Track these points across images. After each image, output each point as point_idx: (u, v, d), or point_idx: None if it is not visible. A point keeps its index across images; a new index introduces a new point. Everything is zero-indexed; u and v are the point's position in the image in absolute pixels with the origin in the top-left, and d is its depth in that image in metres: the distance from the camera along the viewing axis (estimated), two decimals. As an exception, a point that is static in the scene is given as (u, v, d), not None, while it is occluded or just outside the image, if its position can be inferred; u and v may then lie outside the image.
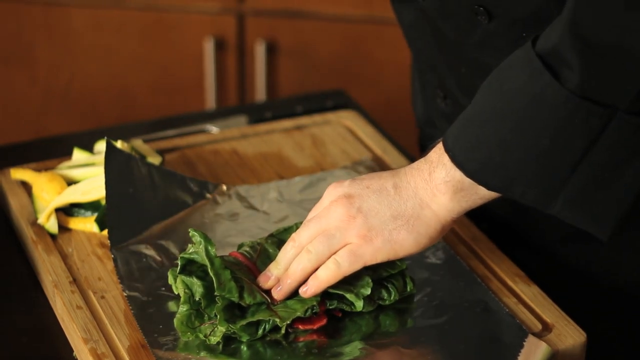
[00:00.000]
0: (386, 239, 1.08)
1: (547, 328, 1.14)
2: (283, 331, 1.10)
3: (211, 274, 1.08)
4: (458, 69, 1.24)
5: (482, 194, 1.07)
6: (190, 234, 1.11)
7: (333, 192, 1.11)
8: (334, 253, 1.09)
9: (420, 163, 1.09)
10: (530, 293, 1.18)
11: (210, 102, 2.40)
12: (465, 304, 1.15)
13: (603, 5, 0.96)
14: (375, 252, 1.08)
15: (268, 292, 1.12)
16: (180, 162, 1.41)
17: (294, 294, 1.11)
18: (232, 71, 2.40)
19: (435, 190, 1.07)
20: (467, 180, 1.06)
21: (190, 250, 1.11)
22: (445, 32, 1.21)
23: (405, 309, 1.15)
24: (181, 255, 1.12)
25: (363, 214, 1.08)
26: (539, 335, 1.12)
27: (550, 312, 1.15)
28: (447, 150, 1.06)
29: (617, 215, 1.04)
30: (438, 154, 1.07)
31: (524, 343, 1.10)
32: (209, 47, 2.35)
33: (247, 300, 1.09)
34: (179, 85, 2.41)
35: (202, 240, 1.10)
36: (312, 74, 2.34)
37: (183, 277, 1.11)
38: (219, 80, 2.39)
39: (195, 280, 1.10)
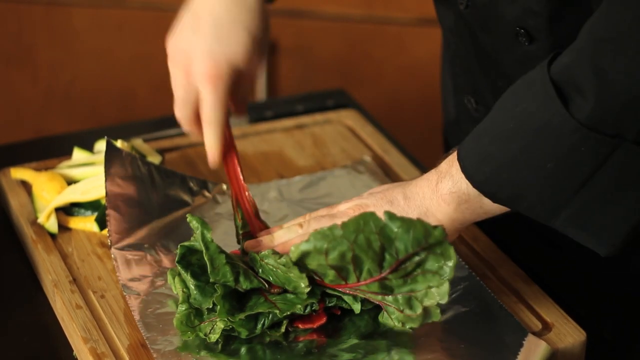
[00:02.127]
0: None
1: (547, 327, 1.14)
2: (283, 329, 1.10)
3: (205, 258, 1.09)
4: (495, 81, 1.25)
5: (486, 208, 1.09)
6: (187, 219, 1.11)
7: (352, 201, 1.15)
8: None
9: (430, 173, 1.12)
10: (530, 292, 1.18)
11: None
12: (465, 303, 1.15)
13: (624, 47, 0.98)
14: None
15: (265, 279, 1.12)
16: (181, 162, 1.41)
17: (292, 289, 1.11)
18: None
19: (440, 200, 1.10)
20: (473, 192, 1.08)
21: (192, 241, 1.12)
22: (484, 44, 1.23)
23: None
24: (181, 244, 1.12)
25: None
26: (538, 334, 1.12)
27: (550, 311, 1.15)
28: (459, 159, 1.08)
29: (619, 234, 1.05)
30: (448, 165, 1.10)
31: (524, 342, 1.10)
32: (209, 47, 2.35)
33: (244, 284, 1.09)
34: (179, 85, 2.41)
35: (199, 226, 1.10)
36: (312, 73, 2.34)
37: (180, 267, 1.11)
38: (219, 80, 2.39)
39: (189, 277, 1.10)
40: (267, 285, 1.10)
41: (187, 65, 1.21)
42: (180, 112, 1.23)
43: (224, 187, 1.34)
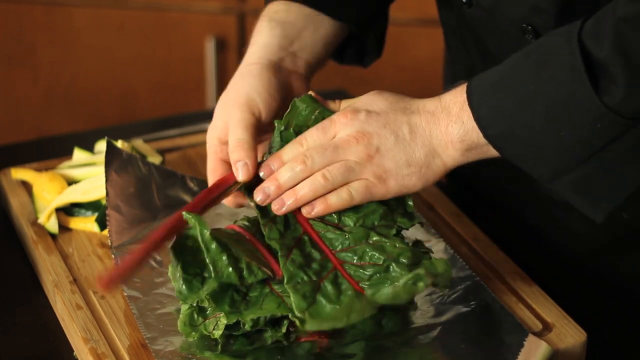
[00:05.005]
0: (399, 182, 1.11)
1: (547, 327, 1.14)
2: (284, 329, 1.10)
3: (208, 261, 1.07)
4: None
5: (491, 154, 1.10)
6: (184, 217, 1.10)
7: (350, 124, 1.12)
8: (346, 184, 1.11)
9: (437, 109, 1.11)
10: (531, 292, 1.18)
11: (211, 101, 2.40)
12: (465, 303, 1.15)
13: None
14: (386, 193, 1.11)
15: (268, 266, 1.10)
16: (181, 162, 1.41)
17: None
18: (233, 71, 2.38)
19: (449, 143, 1.09)
20: (483, 141, 1.08)
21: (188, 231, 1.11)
22: (488, 44, 1.23)
23: (406, 308, 1.15)
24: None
25: (381, 154, 1.10)
26: (539, 335, 1.12)
27: (550, 311, 1.15)
28: (472, 108, 1.08)
29: (615, 202, 1.07)
30: (458, 107, 1.09)
31: (524, 342, 1.10)
32: (210, 47, 2.36)
33: (249, 279, 1.08)
34: (180, 84, 2.42)
35: (197, 224, 1.09)
36: (313, 73, 2.34)
37: (172, 254, 1.09)
38: (219, 80, 2.39)
39: (179, 268, 1.08)
40: (271, 275, 1.09)
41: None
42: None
43: (225, 187, 1.34)
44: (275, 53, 1.21)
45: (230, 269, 1.07)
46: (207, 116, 1.56)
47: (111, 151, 1.25)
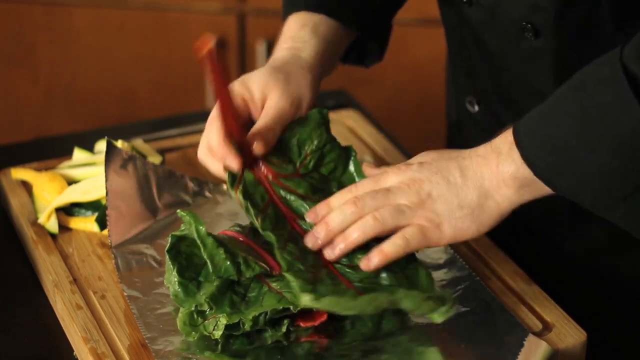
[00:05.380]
0: (452, 226, 1.09)
1: (547, 327, 1.14)
2: (284, 329, 1.10)
3: (205, 257, 1.07)
4: (499, 79, 1.25)
5: (546, 190, 1.08)
6: (179, 214, 1.10)
7: (402, 174, 1.11)
8: (396, 230, 1.09)
9: (487, 152, 1.10)
10: (531, 292, 1.18)
11: (211, 101, 2.40)
12: (465, 303, 1.15)
13: None
14: (440, 238, 1.10)
15: (265, 260, 1.11)
16: (181, 162, 1.41)
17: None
18: (233, 71, 2.40)
19: (501, 182, 1.08)
20: (536, 178, 1.06)
21: (182, 228, 1.11)
22: (488, 42, 1.22)
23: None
24: (172, 234, 1.11)
25: (432, 199, 1.09)
26: (539, 335, 1.12)
27: (550, 311, 1.15)
28: (520, 146, 1.06)
29: None
30: (508, 147, 1.08)
31: (525, 342, 1.10)
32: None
33: (247, 273, 1.08)
34: (179, 84, 2.42)
35: (192, 221, 1.09)
36: (313, 73, 2.34)
37: (168, 257, 1.10)
38: (219, 80, 2.39)
39: (175, 272, 1.09)
40: (268, 269, 1.10)
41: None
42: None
43: (225, 187, 1.34)
44: (317, 65, 1.24)
45: (228, 262, 1.07)
46: (207, 116, 1.56)
47: (111, 151, 1.25)
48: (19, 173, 1.36)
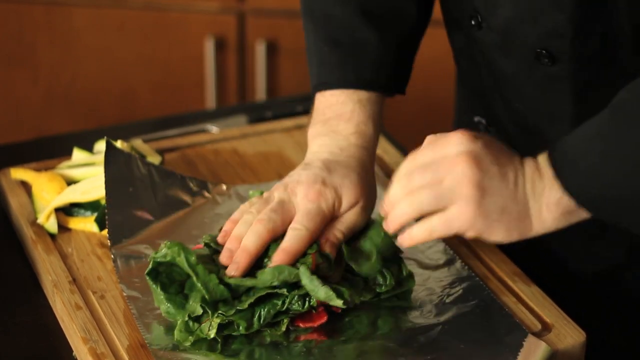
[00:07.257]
0: (487, 224, 1.05)
1: (546, 328, 1.14)
2: (283, 328, 1.10)
3: (199, 285, 1.08)
4: (510, 103, 1.22)
5: (585, 216, 1.06)
6: (165, 245, 1.10)
7: (466, 144, 1.06)
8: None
9: (533, 170, 1.06)
10: (530, 293, 1.18)
11: (211, 101, 2.40)
12: (465, 303, 1.15)
13: None
14: (470, 228, 1.06)
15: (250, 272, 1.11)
16: (181, 162, 1.41)
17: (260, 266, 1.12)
18: (233, 71, 2.40)
19: (544, 207, 1.05)
20: (579, 206, 1.04)
21: (163, 251, 1.10)
22: (502, 66, 1.19)
23: (405, 308, 1.15)
24: (152, 257, 1.11)
25: (483, 190, 1.05)
26: (538, 335, 1.12)
27: (549, 311, 1.15)
28: (561, 177, 1.04)
29: None
30: (550, 173, 1.05)
31: (524, 343, 1.10)
32: (209, 47, 2.35)
33: (239, 289, 1.10)
34: (179, 84, 2.42)
35: (181, 251, 1.09)
36: (312, 73, 2.34)
37: (149, 279, 1.11)
38: (219, 80, 2.39)
39: (159, 290, 1.11)
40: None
41: (292, 185, 1.16)
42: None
43: (224, 187, 1.34)
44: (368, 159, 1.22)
45: (222, 286, 1.09)
46: (207, 116, 1.57)
47: (110, 151, 1.25)
48: (19, 173, 1.36)
